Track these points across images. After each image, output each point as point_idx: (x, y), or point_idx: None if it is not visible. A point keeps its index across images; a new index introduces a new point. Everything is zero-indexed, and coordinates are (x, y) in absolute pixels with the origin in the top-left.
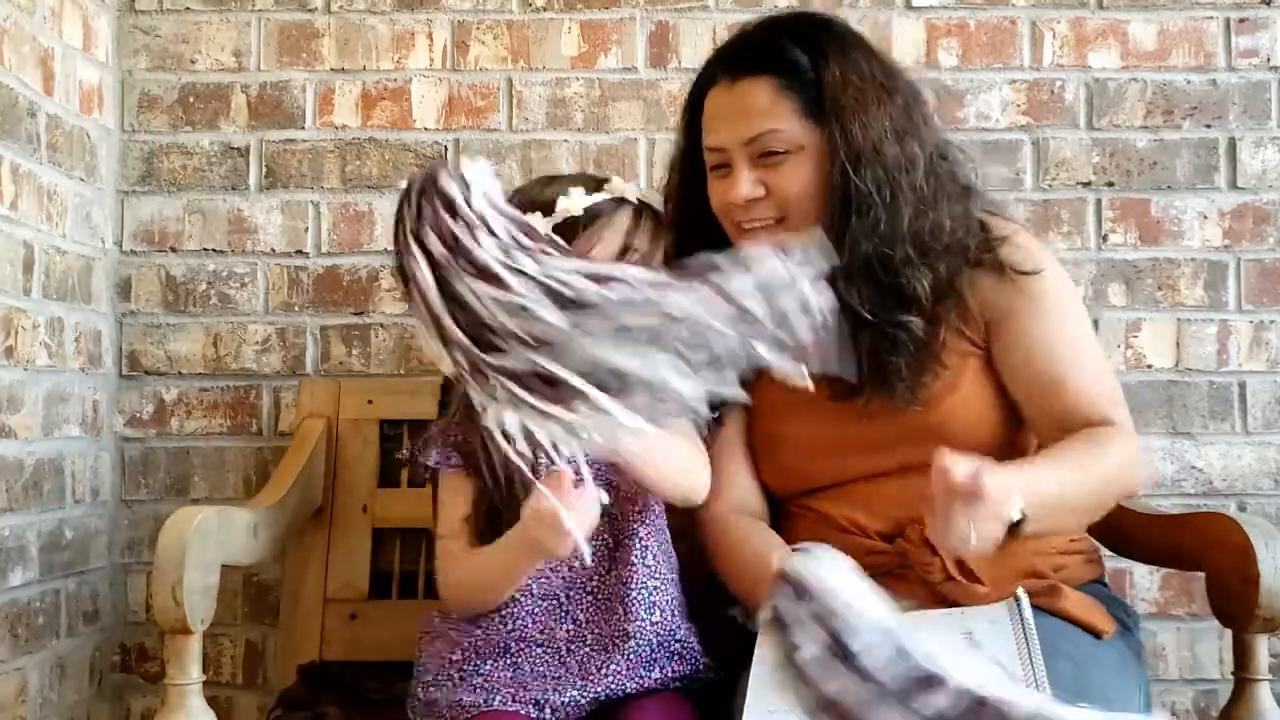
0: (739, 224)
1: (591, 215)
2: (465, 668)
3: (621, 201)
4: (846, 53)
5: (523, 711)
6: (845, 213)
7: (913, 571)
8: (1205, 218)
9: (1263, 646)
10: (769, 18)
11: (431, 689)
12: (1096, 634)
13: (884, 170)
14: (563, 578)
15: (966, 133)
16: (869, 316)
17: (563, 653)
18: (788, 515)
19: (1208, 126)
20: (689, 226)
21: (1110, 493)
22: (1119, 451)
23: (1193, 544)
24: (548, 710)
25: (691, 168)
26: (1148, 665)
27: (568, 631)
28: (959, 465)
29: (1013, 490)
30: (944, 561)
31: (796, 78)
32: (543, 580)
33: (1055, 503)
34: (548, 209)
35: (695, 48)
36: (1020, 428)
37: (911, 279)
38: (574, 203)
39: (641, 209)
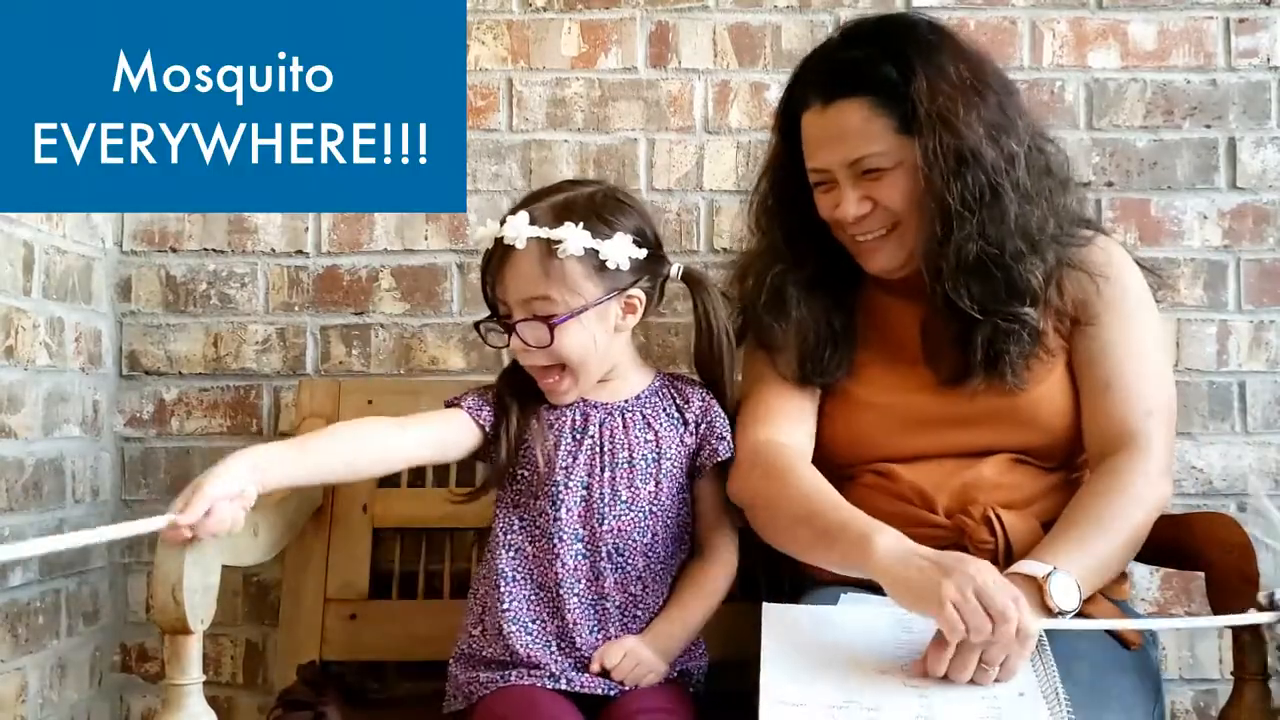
0: (852, 237)
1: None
2: (471, 630)
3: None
4: (933, 59)
5: (525, 681)
6: (948, 218)
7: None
8: (1205, 218)
9: (1262, 646)
10: (853, 27)
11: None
12: (1125, 644)
13: (984, 174)
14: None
15: None
16: (978, 315)
17: (534, 602)
18: (848, 480)
19: (1208, 126)
20: (796, 229)
21: (1138, 537)
22: (1134, 495)
23: (1193, 544)
24: (546, 679)
25: (791, 176)
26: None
27: (544, 575)
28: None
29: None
30: (1000, 542)
31: (887, 94)
32: (516, 531)
33: (1097, 576)
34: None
35: (695, 48)
36: None
37: (1025, 272)
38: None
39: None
